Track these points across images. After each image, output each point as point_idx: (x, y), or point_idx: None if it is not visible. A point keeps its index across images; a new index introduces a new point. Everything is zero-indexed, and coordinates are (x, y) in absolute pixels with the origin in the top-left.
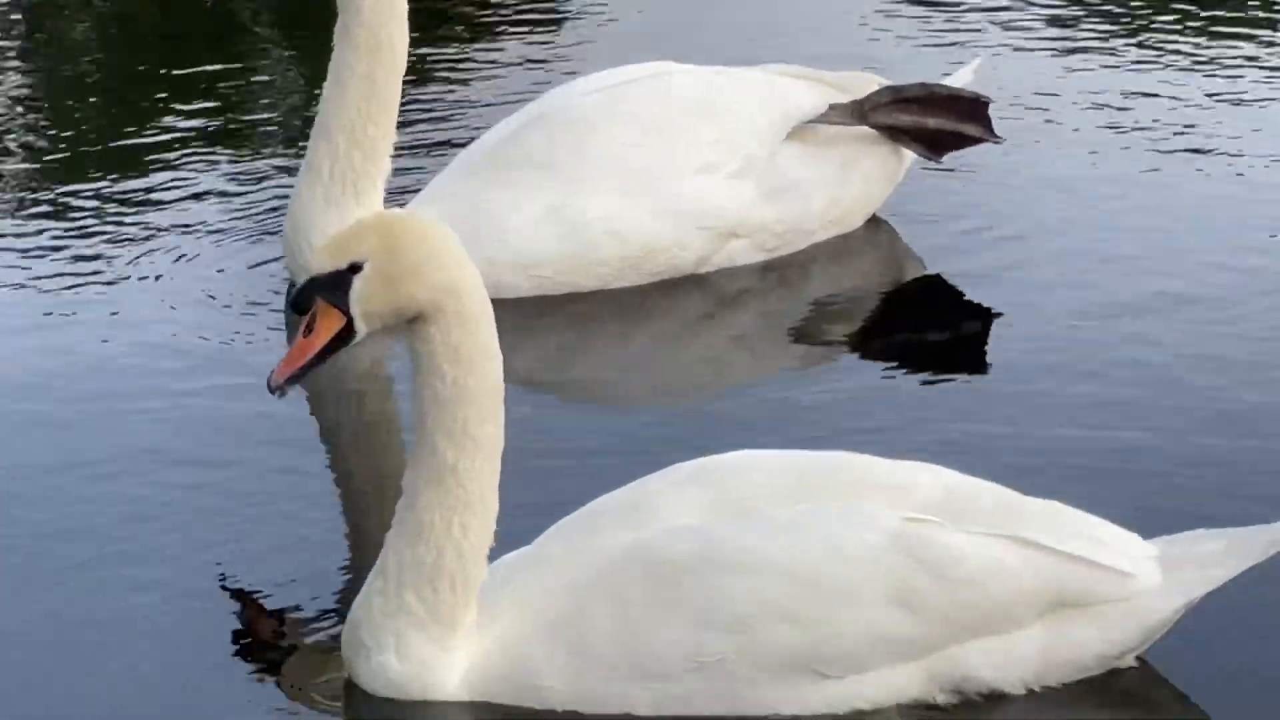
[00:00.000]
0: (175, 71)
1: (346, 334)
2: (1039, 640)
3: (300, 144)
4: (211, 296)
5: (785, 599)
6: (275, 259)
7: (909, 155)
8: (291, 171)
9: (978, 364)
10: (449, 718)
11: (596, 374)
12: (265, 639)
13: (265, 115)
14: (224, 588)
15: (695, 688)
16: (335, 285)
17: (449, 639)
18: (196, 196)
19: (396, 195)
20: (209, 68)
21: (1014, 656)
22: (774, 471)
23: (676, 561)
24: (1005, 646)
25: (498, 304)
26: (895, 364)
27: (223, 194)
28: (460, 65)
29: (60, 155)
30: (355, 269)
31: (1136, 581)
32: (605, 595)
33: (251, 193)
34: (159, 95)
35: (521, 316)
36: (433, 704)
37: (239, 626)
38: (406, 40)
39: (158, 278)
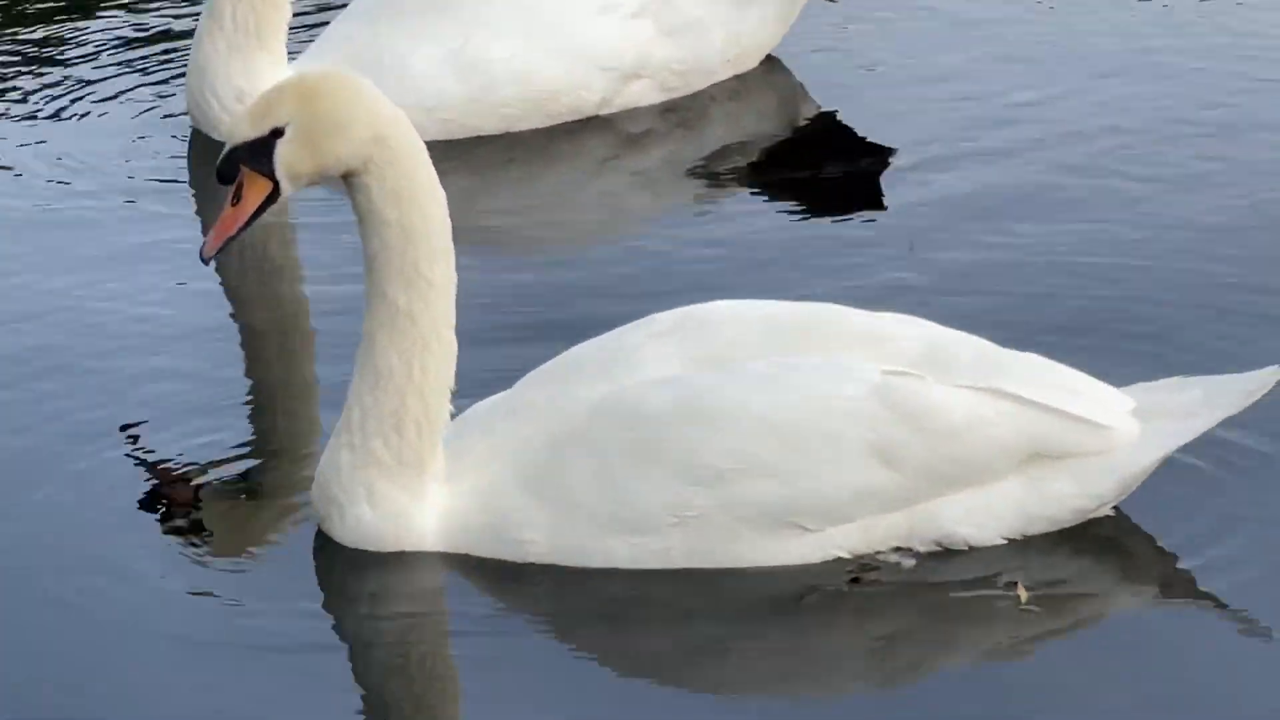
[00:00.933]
0: None
1: (273, 197)
2: (1017, 493)
3: None
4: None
5: (765, 452)
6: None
7: None
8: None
9: (875, 202)
10: (426, 569)
11: (501, 218)
12: (193, 498)
13: None
14: (131, 437)
15: (675, 540)
16: (259, 152)
17: (419, 485)
18: (97, 49)
19: (302, 45)
20: None
21: (992, 510)
22: (753, 323)
23: (657, 414)
24: (984, 500)
25: None
26: (797, 204)
27: (124, 44)
28: None
29: None
30: (277, 134)
31: (1114, 434)
32: (585, 447)
33: (152, 44)
34: None
35: None
36: (410, 554)
37: (162, 489)
38: None
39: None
